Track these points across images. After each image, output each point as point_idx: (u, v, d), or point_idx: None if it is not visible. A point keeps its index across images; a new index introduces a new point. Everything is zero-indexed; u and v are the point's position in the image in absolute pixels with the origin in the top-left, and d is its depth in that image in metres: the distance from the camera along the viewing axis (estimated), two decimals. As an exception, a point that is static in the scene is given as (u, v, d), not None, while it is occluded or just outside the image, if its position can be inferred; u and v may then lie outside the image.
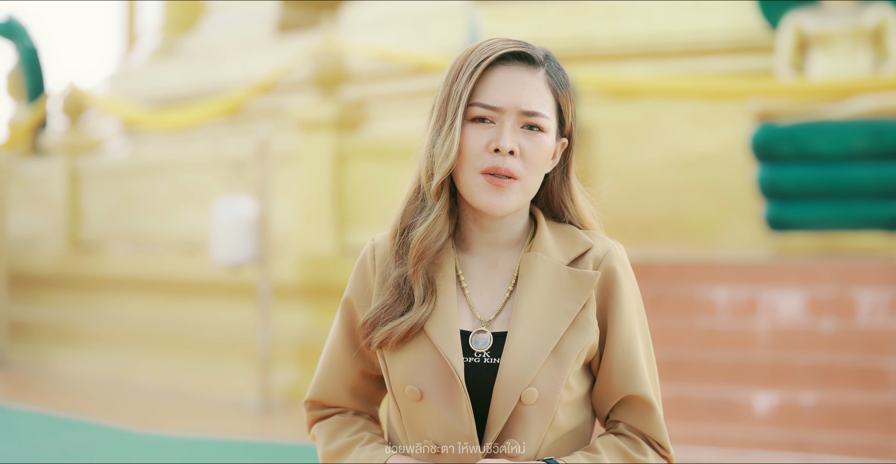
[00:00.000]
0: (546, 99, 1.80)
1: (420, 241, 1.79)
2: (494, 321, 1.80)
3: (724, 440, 6.01)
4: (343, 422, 1.89)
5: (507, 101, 1.77)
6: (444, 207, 1.80)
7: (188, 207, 9.54)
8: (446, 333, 1.76)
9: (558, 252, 1.83)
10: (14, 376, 9.87)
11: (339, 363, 1.89)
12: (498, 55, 1.78)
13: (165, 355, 9.14)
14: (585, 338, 1.78)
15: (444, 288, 1.80)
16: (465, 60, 1.80)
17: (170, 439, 6.76)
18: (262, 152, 7.82)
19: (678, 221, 8.75)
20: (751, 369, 6.38)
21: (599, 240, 1.88)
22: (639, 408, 1.81)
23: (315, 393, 1.92)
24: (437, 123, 1.80)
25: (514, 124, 1.78)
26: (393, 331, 1.76)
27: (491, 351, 1.77)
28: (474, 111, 1.78)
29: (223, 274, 8.43)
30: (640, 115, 9.02)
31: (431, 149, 1.79)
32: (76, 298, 10.31)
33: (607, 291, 1.82)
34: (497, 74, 1.79)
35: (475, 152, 1.77)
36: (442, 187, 1.79)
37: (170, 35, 14.36)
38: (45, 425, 7.30)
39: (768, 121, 7.43)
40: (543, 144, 1.79)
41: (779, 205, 7.44)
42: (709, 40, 9.08)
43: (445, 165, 1.77)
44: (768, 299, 6.74)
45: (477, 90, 1.78)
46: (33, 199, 11.11)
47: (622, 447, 1.79)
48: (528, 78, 1.79)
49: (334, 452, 1.85)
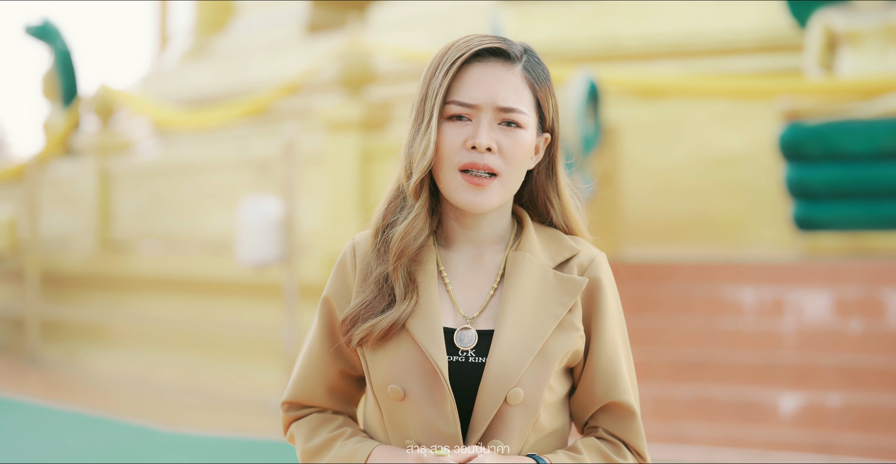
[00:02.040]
0: (523, 95, 1.78)
1: (400, 239, 1.78)
2: (478, 318, 1.78)
3: (748, 442, 5.97)
4: (322, 419, 1.87)
5: (483, 97, 1.76)
6: (424, 205, 1.80)
7: (215, 207, 9.59)
8: (429, 331, 1.74)
9: (544, 255, 1.82)
10: (46, 374, 9.97)
11: (318, 363, 1.87)
12: (473, 52, 1.77)
13: (192, 354, 9.20)
14: (570, 342, 1.77)
15: (426, 285, 1.78)
16: (442, 58, 1.78)
17: (195, 438, 6.80)
18: (288, 153, 7.85)
19: (705, 221, 8.70)
20: (776, 370, 6.33)
21: (585, 247, 1.85)
22: (620, 415, 1.81)
23: (292, 394, 1.89)
24: (416, 121, 1.79)
25: (491, 121, 1.76)
26: (373, 328, 1.75)
27: (476, 349, 1.76)
28: (451, 109, 1.77)
29: (249, 274, 8.47)
30: (667, 114, 8.97)
31: (410, 148, 1.79)
32: (106, 298, 10.40)
33: (592, 299, 1.81)
34: (473, 71, 1.77)
35: (452, 150, 1.76)
36: (421, 186, 1.79)
37: (201, 36, 14.45)
38: (73, 423, 7.37)
39: (796, 120, 7.37)
40: (522, 140, 1.77)
41: (806, 205, 7.38)
42: (737, 39, 9.02)
43: (423, 164, 1.76)
44: (795, 300, 6.69)
45: (453, 88, 1.77)
46: (65, 199, 11.22)
47: (603, 449, 1.79)
48: (504, 74, 1.78)
49: (314, 449, 1.83)
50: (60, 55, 13.56)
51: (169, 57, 15.10)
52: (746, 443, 5.97)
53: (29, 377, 9.84)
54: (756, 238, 8.48)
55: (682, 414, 6.27)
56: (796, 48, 8.26)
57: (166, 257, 9.83)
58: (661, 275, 7.34)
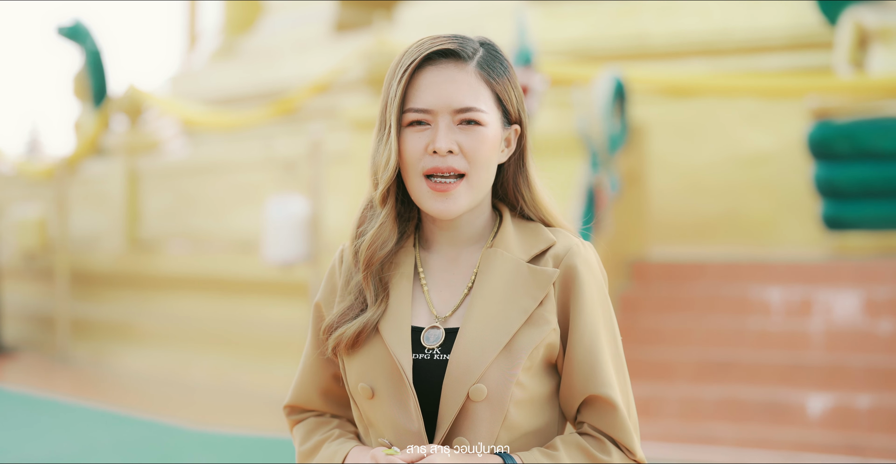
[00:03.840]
0: (480, 92, 1.77)
1: (367, 247, 1.80)
2: (451, 318, 1.78)
3: (776, 443, 5.92)
4: (318, 423, 1.91)
5: (437, 101, 1.76)
6: (390, 213, 1.80)
7: (242, 206, 9.63)
8: (396, 331, 1.76)
9: (519, 249, 1.81)
10: (76, 372, 10.05)
11: (312, 368, 1.90)
12: (423, 56, 1.77)
13: (219, 352, 9.24)
14: (540, 335, 1.74)
15: (400, 287, 1.80)
16: (397, 65, 1.79)
17: (222, 436, 6.82)
18: (314, 152, 7.87)
19: (733, 220, 8.64)
20: (804, 371, 6.28)
21: (563, 237, 1.83)
22: (601, 408, 1.77)
23: (292, 398, 1.94)
24: (379, 130, 1.80)
25: (450, 124, 1.76)
26: (343, 335, 1.78)
27: (441, 347, 1.76)
28: (408, 117, 1.77)
29: (275, 273, 8.49)
30: (695, 113, 8.92)
31: (375, 157, 1.80)
32: (134, 296, 10.46)
33: (567, 289, 1.78)
34: (425, 76, 1.77)
35: (415, 157, 1.76)
36: (388, 194, 1.80)
37: (229, 36, 14.51)
38: (102, 422, 7.42)
39: (826, 118, 7.30)
40: (484, 137, 1.76)
41: (836, 204, 7.31)
42: (766, 37, 8.96)
43: (387, 175, 1.77)
44: (823, 300, 6.63)
45: (409, 95, 1.77)
46: (94, 198, 11.29)
47: (584, 446, 1.75)
48: (456, 74, 1.77)
49: (308, 451, 1.87)
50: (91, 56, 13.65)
51: (197, 57, 15.18)
52: (774, 444, 5.92)
53: (58, 375, 9.92)
54: (784, 237, 8.41)
55: (709, 414, 6.23)
56: (826, 46, 8.19)
57: (194, 256, 9.88)
58: (689, 274, 7.29)
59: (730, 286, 7.07)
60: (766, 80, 8.36)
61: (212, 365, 9.26)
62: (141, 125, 11.76)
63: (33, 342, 11.39)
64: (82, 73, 13.73)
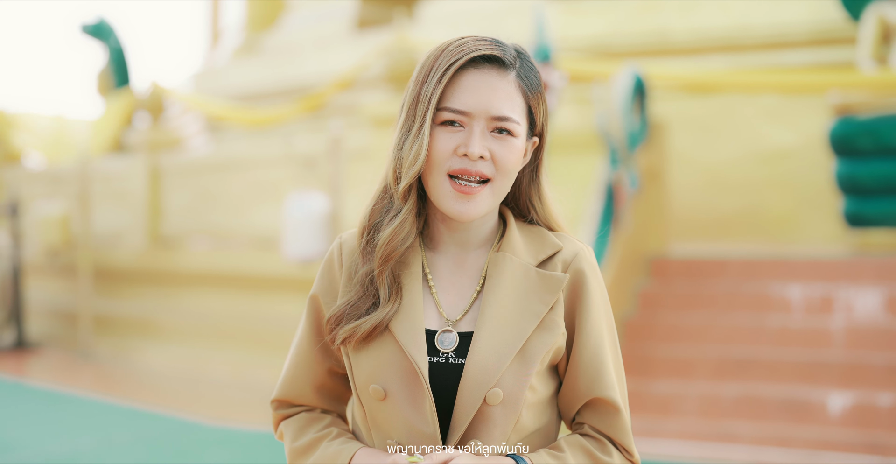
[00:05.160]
0: (517, 103, 1.77)
1: (387, 242, 1.78)
2: (461, 321, 1.78)
3: (795, 441, 5.89)
4: (310, 419, 1.88)
5: (477, 105, 1.74)
6: (412, 209, 1.79)
7: (262, 203, 9.66)
8: (411, 332, 1.75)
9: (527, 253, 1.81)
10: (98, 368, 10.11)
11: (306, 361, 1.88)
12: (468, 58, 1.76)
13: (240, 348, 9.27)
14: (552, 340, 1.76)
15: (411, 287, 1.79)
16: (436, 62, 1.77)
17: (243, 432, 6.85)
18: (334, 149, 7.88)
19: (754, 216, 8.59)
20: (825, 369, 6.24)
21: (568, 242, 1.84)
22: (604, 411, 1.79)
23: (281, 392, 1.91)
24: (406, 124, 1.78)
25: (484, 129, 1.75)
26: (357, 328, 1.76)
27: (457, 351, 1.75)
28: (443, 115, 1.75)
29: (295, 270, 8.51)
30: (716, 109, 8.88)
31: (399, 151, 1.78)
32: (156, 293, 10.51)
33: (575, 294, 1.79)
34: (467, 78, 1.75)
35: (443, 156, 1.75)
36: (410, 190, 1.78)
37: (252, 33, 14.57)
38: (122, 417, 7.46)
39: (848, 114, 7.25)
40: (514, 148, 1.77)
41: (857, 200, 7.26)
42: (788, 33, 8.90)
43: (413, 170, 1.75)
44: (845, 297, 6.59)
45: (446, 94, 1.75)
46: (116, 195, 11.35)
47: (587, 447, 1.77)
48: (497, 82, 1.76)
49: (302, 448, 1.84)
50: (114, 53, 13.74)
51: (220, 54, 15.23)
52: (793, 443, 5.89)
53: (81, 371, 9.98)
54: (805, 234, 8.36)
55: (728, 412, 6.20)
56: (848, 41, 8.13)
57: (214, 253, 9.91)
58: (709, 271, 7.26)
59: (750, 283, 7.03)
60: (787, 77, 8.31)
61: (232, 361, 9.29)
62: (163, 122, 11.81)
63: (56, 338, 11.47)
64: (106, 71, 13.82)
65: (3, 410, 7.91)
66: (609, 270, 6.81)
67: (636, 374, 6.45)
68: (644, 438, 5.89)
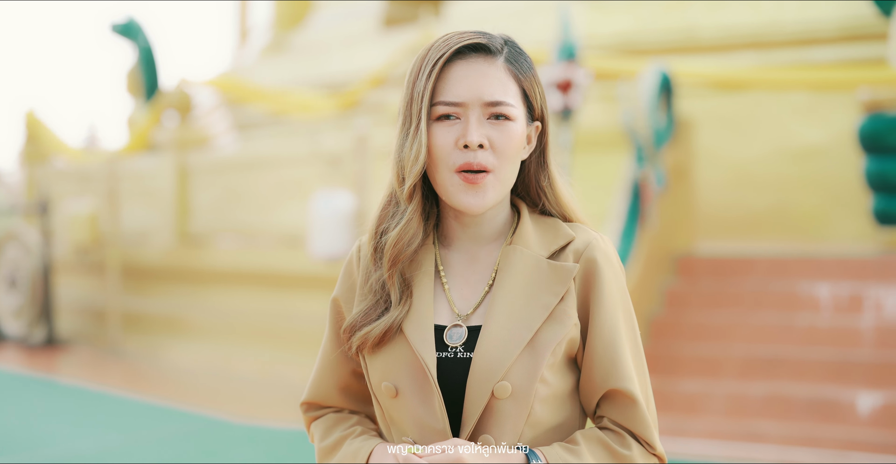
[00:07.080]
0: (509, 87, 1.77)
1: (393, 245, 1.78)
2: (472, 316, 1.78)
3: (824, 441, 5.84)
4: (337, 419, 1.90)
5: (469, 94, 1.75)
6: (416, 210, 1.79)
7: (289, 201, 9.69)
8: (420, 330, 1.75)
9: (539, 245, 1.80)
10: (127, 365, 10.17)
11: (330, 364, 1.90)
12: (453, 50, 1.76)
13: (267, 346, 9.30)
14: (563, 331, 1.74)
15: (422, 286, 1.79)
16: (423, 60, 1.77)
17: (270, 430, 6.87)
18: (360, 147, 7.89)
19: (782, 214, 8.53)
20: (854, 368, 6.18)
21: (582, 232, 1.82)
22: (622, 403, 1.76)
23: (310, 395, 1.93)
24: (404, 125, 1.78)
25: (480, 117, 1.75)
26: (368, 334, 1.77)
27: (465, 345, 1.75)
28: (438, 110, 1.75)
29: (322, 267, 8.53)
30: (744, 106, 8.82)
31: (400, 153, 1.78)
32: (184, 291, 10.56)
33: (588, 284, 1.77)
34: (455, 70, 1.76)
35: (445, 151, 1.75)
36: (414, 190, 1.78)
37: (280, 31, 14.61)
38: (150, 415, 7.50)
39: (878, 111, 7.18)
40: (513, 132, 1.76)
41: (887, 198, 7.19)
42: (817, 29, 8.82)
43: (416, 169, 1.75)
44: (874, 296, 6.53)
45: (438, 88, 1.75)
46: (144, 194, 11.41)
47: (605, 440, 1.74)
48: (486, 68, 1.76)
49: (328, 447, 1.86)
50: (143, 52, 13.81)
51: (248, 52, 15.29)
52: (821, 443, 5.84)
53: (109, 368, 10.05)
54: (834, 232, 8.29)
55: (755, 412, 6.16)
56: (879, 37, 8.05)
57: (242, 251, 9.95)
58: (736, 270, 7.22)
59: (778, 282, 6.98)
60: (816, 73, 8.24)
61: (259, 359, 9.32)
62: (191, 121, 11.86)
63: (85, 336, 11.55)
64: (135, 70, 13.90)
65: (33, 406, 7.97)
66: (635, 268, 6.77)
67: (663, 373, 6.42)
68: (671, 437, 5.86)
